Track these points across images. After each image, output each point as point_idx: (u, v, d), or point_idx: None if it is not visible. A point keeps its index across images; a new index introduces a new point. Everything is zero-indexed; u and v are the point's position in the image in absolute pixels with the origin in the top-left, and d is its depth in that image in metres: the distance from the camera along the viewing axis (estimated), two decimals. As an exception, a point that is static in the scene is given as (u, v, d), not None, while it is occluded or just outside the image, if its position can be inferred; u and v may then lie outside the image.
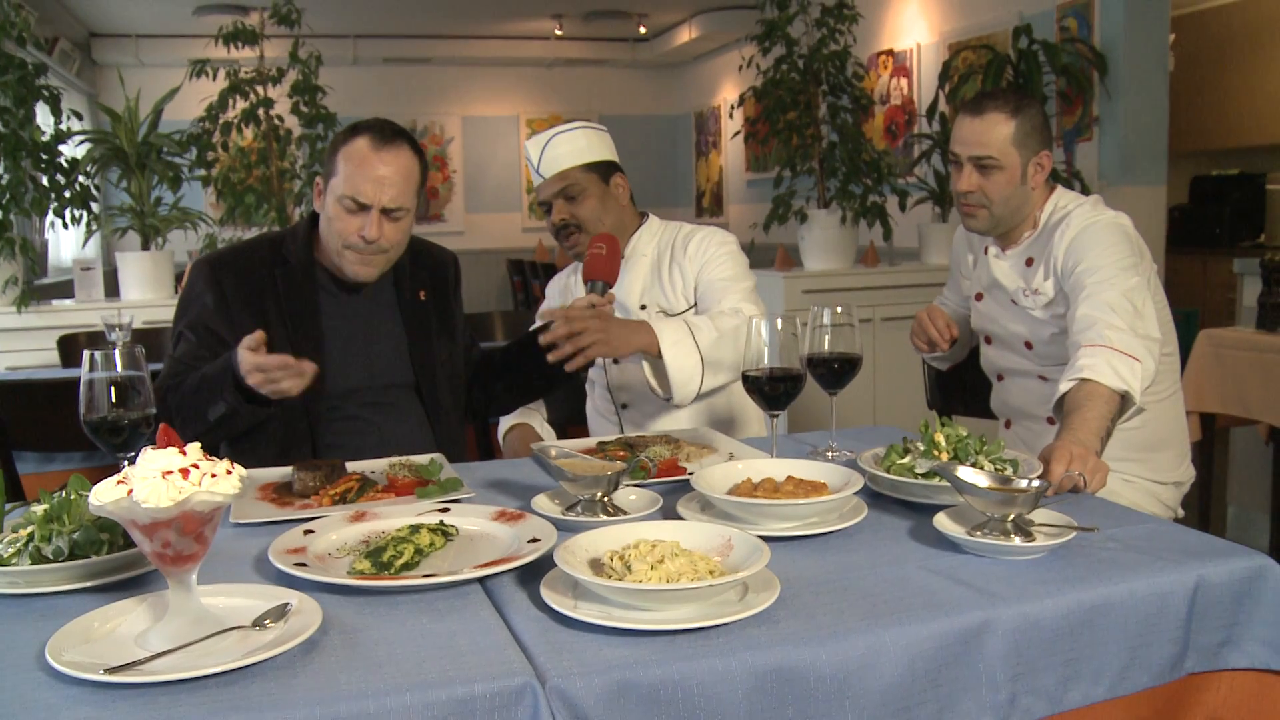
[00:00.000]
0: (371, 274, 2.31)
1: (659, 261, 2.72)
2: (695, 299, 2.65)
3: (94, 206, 4.66)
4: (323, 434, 2.31)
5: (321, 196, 2.31)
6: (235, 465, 1.22)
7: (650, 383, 2.44)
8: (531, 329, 2.50)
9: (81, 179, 4.58)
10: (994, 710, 1.29)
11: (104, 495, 1.16)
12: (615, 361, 2.72)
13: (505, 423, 2.79)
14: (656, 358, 2.36)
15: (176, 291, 4.87)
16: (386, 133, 2.26)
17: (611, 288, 2.36)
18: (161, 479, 1.15)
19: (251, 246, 2.40)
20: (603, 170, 2.67)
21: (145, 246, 4.79)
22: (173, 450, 1.19)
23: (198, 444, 1.22)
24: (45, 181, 4.46)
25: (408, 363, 2.41)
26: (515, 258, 10.81)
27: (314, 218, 2.39)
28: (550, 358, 2.25)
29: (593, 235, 2.60)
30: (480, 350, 2.65)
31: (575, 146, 2.64)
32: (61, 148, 4.53)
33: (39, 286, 4.96)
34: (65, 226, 4.58)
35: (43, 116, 4.58)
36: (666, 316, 2.63)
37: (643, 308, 2.68)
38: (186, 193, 4.94)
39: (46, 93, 4.48)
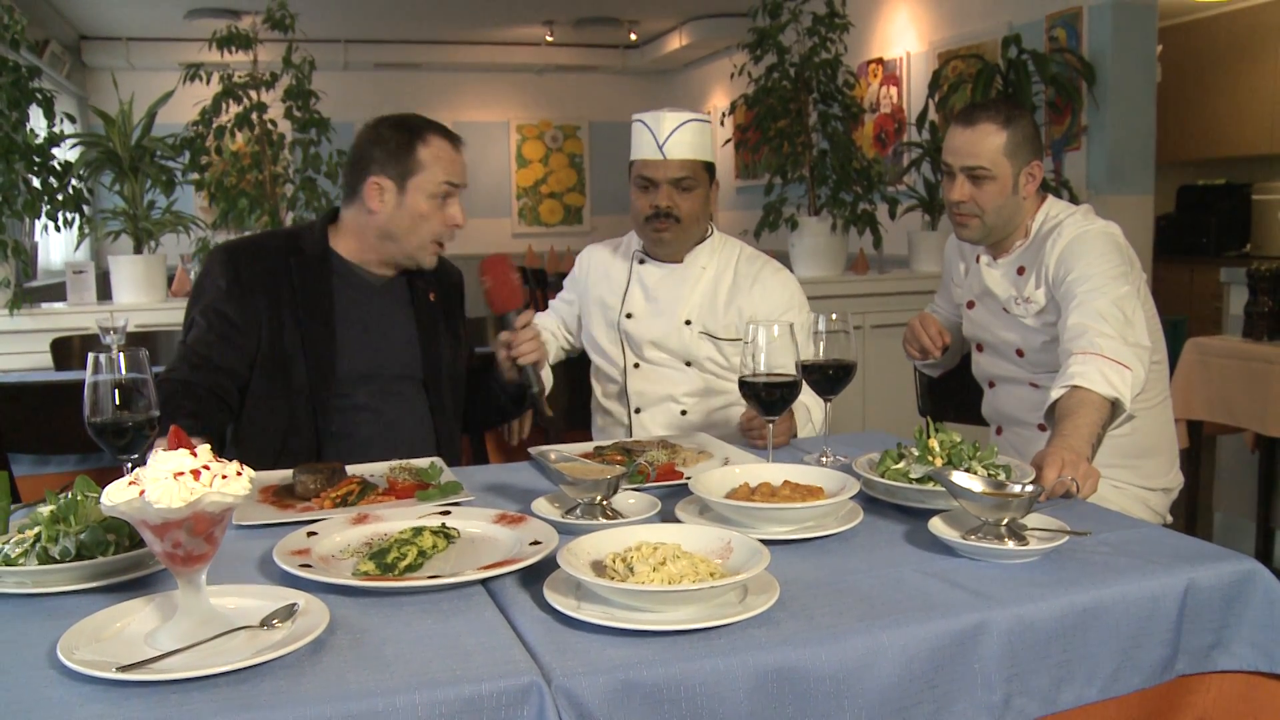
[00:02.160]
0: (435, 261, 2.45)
1: (717, 282, 2.72)
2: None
3: (86, 209, 4.65)
4: (328, 421, 2.35)
5: (385, 195, 2.34)
6: (245, 467, 1.24)
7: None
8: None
9: (74, 182, 4.57)
10: (989, 710, 1.32)
11: (116, 496, 1.18)
12: (636, 365, 2.75)
13: None
14: None
15: (169, 295, 4.88)
16: (455, 134, 2.43)
17: (525, 309, 2.35)
18: (173, 480, 1.17)
19: (268, 235, 2.50)
20: (711, 172, 2.70)
21: (138, 250, 4.79)
22: (183, 452, 1.21)
23: (208, 445, 1.24)
24: (38, 184, 4.45)
25: (417, 356, 2.46)
26: (505, 263, 10.81)
27: (333, 213, 2.45)
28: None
29: (686, 231, 2.66)
30: (478, 358, 2.69)
31: (704, 141, 2.66)
32: (54, 150, 4.53)
33: (29, 289, 4.95)
34: (58, 230, 4.57)
35: (35, 119, 4.58)
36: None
37: (687, 323, 2.69)
38: (179, 196, 4.94)
39: (40, 96, 4.47)
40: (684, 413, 2.74)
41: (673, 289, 2.71)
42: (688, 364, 2.72)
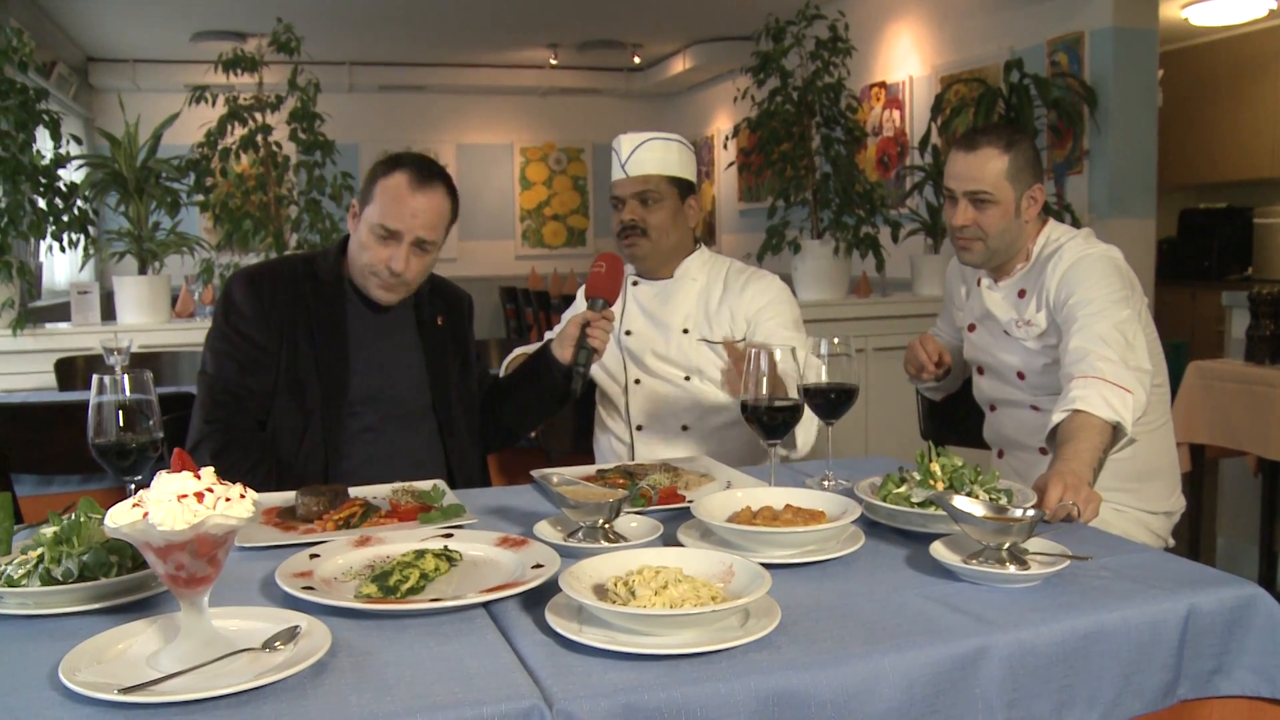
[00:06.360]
0: (392, 299, 2.41)
1: (708, 291, 2.79)
2: (745, 338, 2.71)
3: (91, 230, 4.67)
4: (338, 440, 2.37)
5: (355, 219, 2.40)
6: (248, 490, 1.24)
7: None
8: (534, 351, 2.57)
9: (80, 203, 4.59)
10: (991, 735, 1.32)
11: (120, 518, 1.18)
12: (637, 382, 2.78)
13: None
14: None
15: (173, 316, 4.90)
16: (425, 172, 2.34)
17: (610, 305, 2.40)
18: (177, 502, 1.17)
19: (286, 262, 2.53)
20: (683, 188, 2.76)
21: (142, 271, 4.81)
22: (187, 474, 1.21)
23: (211, 468, 1.24)
24: (44, 205, 4.47)
25: (425, 380, 2.48)
26: (508, 285, 10.82)
27: (346, 238, 2.48)
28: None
29: (656, 244, 2.72)
30: (491, 378, 2.70)
31: (666, 157, 2.73)
32: (60, 171, 4.55)
33: (33, 309, 4.96)
34: (63, 250, 4.59)
35: (41, 140, 4.60)
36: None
37: (685, 331, 2.75)
38: (184, 218, 4.96)
39: (47, 117, 4.50)
40: (685, 428, 2.76)
41: (667, 301, 2.79)
42: (687, 378, 2.74)
